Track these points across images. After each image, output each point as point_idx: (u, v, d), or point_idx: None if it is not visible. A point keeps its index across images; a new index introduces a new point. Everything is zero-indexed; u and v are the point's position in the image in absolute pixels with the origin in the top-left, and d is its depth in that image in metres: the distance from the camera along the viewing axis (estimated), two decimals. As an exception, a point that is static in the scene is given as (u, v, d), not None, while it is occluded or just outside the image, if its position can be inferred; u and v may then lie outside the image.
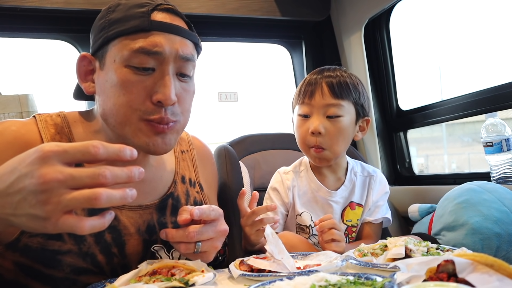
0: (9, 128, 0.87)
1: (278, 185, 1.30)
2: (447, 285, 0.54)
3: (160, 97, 0.82)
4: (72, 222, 0.57)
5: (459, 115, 1.63)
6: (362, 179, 1.33)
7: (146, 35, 0.82)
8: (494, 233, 1.11)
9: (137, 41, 0.81)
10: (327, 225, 1.08)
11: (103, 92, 0.85)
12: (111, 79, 0.83)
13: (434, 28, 10.96)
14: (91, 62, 0.88)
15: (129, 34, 0.82)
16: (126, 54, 0.82)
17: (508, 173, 1.38)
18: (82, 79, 0.89)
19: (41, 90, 1.62)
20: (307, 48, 2.15)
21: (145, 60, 0.81)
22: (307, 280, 0.65)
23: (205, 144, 1.16)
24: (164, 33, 0.83)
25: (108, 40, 0.84)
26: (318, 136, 1.21)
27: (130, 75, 0.82)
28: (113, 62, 0.83)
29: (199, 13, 1.85)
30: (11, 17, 1.68)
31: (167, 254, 0.94)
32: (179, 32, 0.85)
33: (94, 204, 0.56)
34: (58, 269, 0.81)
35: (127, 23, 0.82)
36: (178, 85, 0.86)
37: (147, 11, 0.83)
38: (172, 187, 0.98)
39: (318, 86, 1.23)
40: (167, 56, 0.83)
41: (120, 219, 0.88)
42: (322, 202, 1.28)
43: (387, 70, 1.98)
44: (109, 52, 0.84)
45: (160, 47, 0.82)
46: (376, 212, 1.31)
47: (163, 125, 0.84)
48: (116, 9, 0.85)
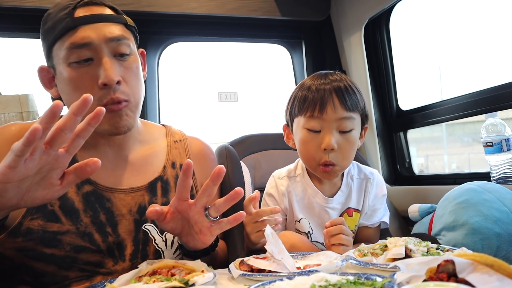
0: (9, 128, 0.96)
1: (273, 190, 1.28)
2: (447, 285, 0.54)
3: (103, 80, 0.90)
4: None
5: (459, 115, 1.63)
6: (358, 183, 1.29)
7: (74, 32, 0.90)
8: (494, 233, 1.11)
9: (68, 40, 0.90)
10: (335, 231, 1.07)
11: (63, 92, 0.96)
12: (63, 79, 0.93)
13: (434, 28, 10.97)
14: (48, 71, 0.99)
15: (61, 37, 0.91)
16: (64, 53, 0.91)
17: (508, 173, 1.38)
18: (47, 86, 1.00)
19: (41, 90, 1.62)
20: (307, 48, 2.15)
21: (80, 54, 0.90)
22: (307, 280, 0.65)
23: (204, 142, 1.20)
24: (88, 24, 0.91)
25: (49, 47, 0.94)
26: (331, 152, 1.15)
27: (74, 71, 0.91)
28: (59, 65, 0.93)
29: (199, 13, 1.85)
30: (11, 17, 1.68)
31: (160, 235, 1.00)
32: (102, 19, 0.93)
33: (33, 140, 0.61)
34: (59, 248, 0.89)
35: (56, 27, 0.92)
36: (119, 64, 0.94)
37: (69, 11, 0.92)
38: (162, 171, 1.05)
39: (329, 98, 1.14)
40: (97, 43, 0.91)
41: (113, 201, 0.97)
42: (318, 209, 1.24)
43: (387, 70, 1.98)
44: (55, 57, 0.94)
45: (87, 38, 0.90)
46: (373, 216, 1.29)
47: (116, 105, 0.92)
48: (47, 19, 0.95)
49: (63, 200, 0.92)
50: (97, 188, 0.96)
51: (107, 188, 0.97)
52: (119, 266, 0.93)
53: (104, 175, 0.98)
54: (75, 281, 0.90)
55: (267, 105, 2.97)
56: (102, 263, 0.92)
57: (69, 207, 0.92)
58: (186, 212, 0.87)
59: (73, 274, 0.90)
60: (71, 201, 0.93)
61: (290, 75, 2.24)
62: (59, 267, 0.89)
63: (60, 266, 0.89)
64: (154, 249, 0.98)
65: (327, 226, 1.09)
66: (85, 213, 0.93)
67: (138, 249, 0.96)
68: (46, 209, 0.90)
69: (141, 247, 0.97)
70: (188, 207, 0.86)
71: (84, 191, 0.95)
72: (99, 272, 0.91)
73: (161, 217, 0.86)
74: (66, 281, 0.90)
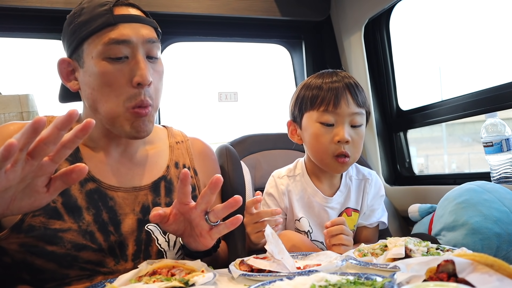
0: (8, 127, 0.96)
1: (272, 190, 1.28)
2: (447, 285, 0.54)
3: (138, 79, 0.92)
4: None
5: (459, 115, 1.63)
6: (357, 183, 1.31)
7: (113, 28, 0.92)
8: (494, 233, 1.11)
9: (107, 35, 0.92)
10: (335, 231, 1.07)
11: (88, 86, 0.95)
12: (93, 73, 0.93)
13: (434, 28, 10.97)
14: (69, 64, 0.98)
15: (99, 31, 0.92)
16: (100, 48, 0.92)
17: (508, 173, 1.38)
18: (66, 79, 0.99)
19: (41, 90, 1.62)
20: (307, 48, 2.15)
21: (118, 50, 0.92)
22: (307, 280, 0.65)
23: (205, 143, 1.21)
24: (127, 23, 0.94)
25: (82, 40, 0.94)
26: (345, 144, 1.19)
27: (108, 66, 0.92)
28: (91, 58, 0.93)
29: (199, 13, 1.85)
30: (11, 17, 1.68)
31: (163, 236, 1.00)
32: (140, 20, 0.96)
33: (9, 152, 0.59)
34: (60, 246, 0.89)
35: (94, 22, 0.93)
36: (150, 66, 0.96)
37: (109, 8, 0.94)
38: (166, 171, 1.06)
39: (343, 94, 1.19)
40: (135, 42, 0.93)
41: (116, 200, 0.97)
42: (318, 208, 1.25)
43: (387, 70, 1.98)
44: (85, 50, 0.94)
45: (127, 36, 0.93)
46: (371, 217, 1.30)
47: (143, 109, 0.94)
48: (81, 13, 0.95)
49: (66, 197, 0.92)
50: (100, 186, 0.96)
51: (110, 187, 0.97)
52: (120, 266, 0.93)
53: (108, 173, 0.98)
54: (75, 280, 0.90)
55: (267, 105, 2.97)
56: (103, 262, 0.92)
57: (72, 204, 0.92)
58: (188, 214, 0.87)
59: (74, 273, 0.90)
60: (74, 198, 0.93)
61: (290, 75, 2.24)
62: (59, 265, 0.89)
63: (60, 264, 0.89)
64: (157, 250, 0.98)
65: (328, 226, 1.09)
66: (88, 211, 0.93)
67: (140, 249, 0.97)
68: (48, 206, 0.90)
69: (143, 247, 0.97)
70: (189, 210, 0.86)
71: (87, 188, 0.95)
72: (100, 272, 0.92)
73: (164, 220, 0.86)
74: (66, 279, 0.90)
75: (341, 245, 1.07)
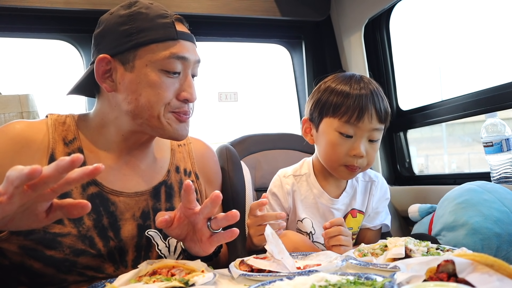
0: (14, 126, 0.95)
1: (276, 189, 1.28)
2: (447, 285, 0.54)
3: (187, 95, 0.97)
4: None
5: (459, 115, 1.63)
6: (363, 185, 1.31)
7: (175, 43, 0.95)
8: (494, 233, 1.11)
9: (169, 49, 0.94)
10: (333, 232, 1.07)
11: (133, 92, 0.94)
12: (145, 81, 0.94)
13: (434, 28, 10.97)
14: (109, 62, 0.95)
15: (161, 42, 0.93)
16: (159, 59, 0.93)
17: (508, 173, 1.38)
18: (101, 77, 0.96)
19: (41, 90, 1.62)
20: (307, 48, 2.15)
21: (175, 65, 0.95)
22: (307, 280, 0.65)
23: (207, 144, 1.21)
24: (186, 41, 0.97)
25: (139, 45, 0.93)
26: (359, 158, 1.18)
27: (163, 78, 0.94)
28: (145, 66, 0.93)
29: (199, 13, 1.85)
30: (11, 17, 1.68)
31: (163, 241, 0.99)
32: (193, 39, 1.00)
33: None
34: (59, 250, 0.88)
35: (156, 32, 0.93)
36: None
37: (171, 22, 0.95)
38: (166, 176, 1.06)
39: (367, 107, 1.16)
40: (191, 60, 0.97)
41: (117, 205, 0.96)
42: (323, 209, 1.25)
43: (387, 70, 1.98)
44: (140, 56, 0.93)
45: (187, 53, 0.96)
46: (375, 219, 1.30)
47: (186, 116, 0.98)
48: (139, 18, 0.94)
49: None
50: (102, 191, 0.95)
51: (112, 191, 0.96)
52: (120, 272, 0.92)
53: (112, 177, 0.97)
54: (73, 285, 0.89)
55: (267, 105, 2.97)
56: (102, 268, 0.92)
57: None
58: (193, 218, 0.87)
59: (72, 278, 0.89)
60: None
61: (290, 75, 2.23)
62: (57, 270, 0.88)
63: (58, 269, 0.88)
64: (157, 255, 0.98)
65: (326, 227, 1.09)
66: (89, 215, 0.92)
67: (140, 255, 0.96)
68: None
69: (143, 253, 0.97)
70: (194, 214, 0.86)
71: (89, 192, 0.94)
72: (99, 278, 0.91)
73: (168, 224, 0.86)
74: (64, 284, 0.89)
75: (340, 246, 1.07)
